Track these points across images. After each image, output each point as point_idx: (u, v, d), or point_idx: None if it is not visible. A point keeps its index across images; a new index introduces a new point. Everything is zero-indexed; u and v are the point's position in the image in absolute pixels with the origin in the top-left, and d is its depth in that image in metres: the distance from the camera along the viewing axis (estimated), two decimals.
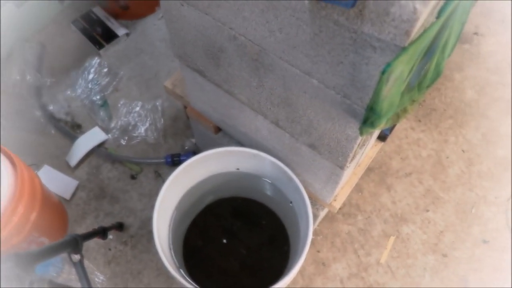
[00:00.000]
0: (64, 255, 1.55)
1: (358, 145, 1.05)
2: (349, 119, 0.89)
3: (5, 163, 1.32)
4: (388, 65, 0.66)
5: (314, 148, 1.09)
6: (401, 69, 0.70)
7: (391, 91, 0.73)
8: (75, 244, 1.01)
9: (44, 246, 0.84)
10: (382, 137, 1.41)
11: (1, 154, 1.33)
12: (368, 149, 1.34)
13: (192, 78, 1.26)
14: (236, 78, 1.08)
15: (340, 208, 1.66)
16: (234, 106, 1.21)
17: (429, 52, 0.79)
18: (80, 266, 1.00)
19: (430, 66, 0.85)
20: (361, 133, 0.84)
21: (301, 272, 1.56)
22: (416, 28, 0.64)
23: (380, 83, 0.69)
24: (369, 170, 1.74)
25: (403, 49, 0.66)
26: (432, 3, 0.63)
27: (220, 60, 1.06)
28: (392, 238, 1.63)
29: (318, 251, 1.60)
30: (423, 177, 1.75)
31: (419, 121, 1.86)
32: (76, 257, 1.00)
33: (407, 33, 0.64)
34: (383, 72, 0.67)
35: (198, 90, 1.30)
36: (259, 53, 0.93)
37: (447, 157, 1.79)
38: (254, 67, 0.98)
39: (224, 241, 1.55)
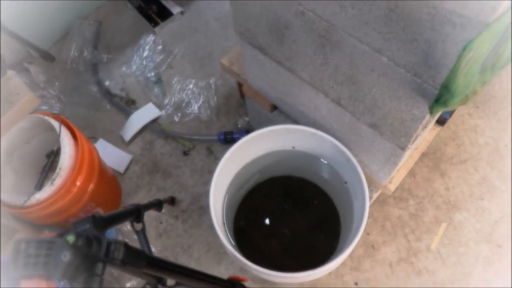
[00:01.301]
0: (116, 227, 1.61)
1: (422, 126, 1.04)
2: (417, 98, 0.88)
3: (67, 135, 1.37)
4: (470, 41, 0.64)
5: (375, 128, 1.07)
6: (482, 47, 0.68)
7: (468, 70, 0.71)
8: (137, 213, 1.04)
9: (113, 212, 0.87)
10: (441, 121, 1.37)
11: (63, 127, 1.37)
12: (426, 132, 1.32)
13: (252, 56, 1.26)
14: (299, 55, 1.07)
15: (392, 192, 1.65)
16: (294, 84, 1.21)
17: (507, 30, 0.77)
18: (142, 234, 1.03)
19: (506, 46, 0.82)
20: (431, 112, 0.82)
21: (349, 253, 1.55)
22: (504, 4, 0.62)
23: (459, 61, 0.67)
24: (423, 155, 1.71)
25: (487, 25, 0.64)
26: None
27: (285, 36, 1.06)
28: (444, 225, 1.60)
29: (368, 234, 1.59)
30: (479, 164, 1.70)
31: (477, 107, 1.81)
32: (139, 225, 1.04)
33: (494, 8, 0.62)
34: (463, 49, 0.65)
35: (257, 67, 1.30)
36: (327, 30, 0.92)
37: (506, 146, 1.73)
38: (320, 44, 0.98)
39: (274, 219, 1.56)
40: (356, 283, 1.52)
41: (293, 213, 1.57)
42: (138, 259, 0.68)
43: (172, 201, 1.65)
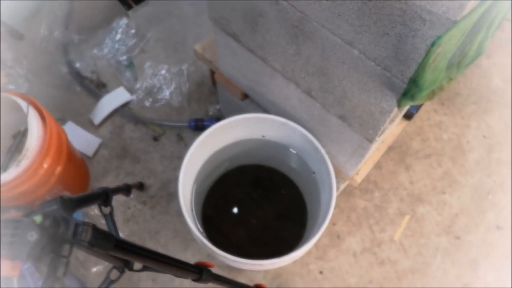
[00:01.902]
0: (83, 210, 1.59)
1: (390, 119, 1.06)
2: (386, 91, 0.90)
3: (35, 116, 1.34)
4: (439, 37, 0.66)
5: (344, 120, 1.09)
6: (449, 44, 0.70)
7: (436, 65, 0.73)
8: (106, 196, 1.03)
9: (81, 194, 0.87)
10: (408, 116, 1.41)
11: (31, 107, 1.35)
12: (393, 126, 1.35)
13: (225, 43, 1.26)
14: (272, 45, 1.08)
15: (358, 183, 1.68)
16: (265, 73, 1.22)
17: (473, 29, 0.80)
18: (110, 218, 1.03)
19: (472, 44, 0.85)
20: (399, 105, 0.85)
21: (315, 243, 1.58)
22: (471, 2, 0.64)
23: (427, 56, 0.69)
24: (390, 148, 1.75)
25: (455, 23, 0.67)
26: None
27: (258, 25, 1.06)
28: (407, 217, 1.65)
29: (334, 224, 1.62)
30: (442, 159, 1.76)
31: (442, 104, 1.86)
32: (107, 209, 1.03)
33: (462, 6, 0.64)
34: (432, 45, 0.67)
35: (230, 55, 1.30)
36: (300, 20, 0.93)
37: (468, 142, 1.79)
38: (293, 34, 0.99)
39: (243, 207, 1.58)
40: (321, 272, 1.56)
41: (262, 202, 1.59)
42: (106, 241, 0.68)
43: (140, 186, 1.64)
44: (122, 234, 1.58)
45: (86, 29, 1.99)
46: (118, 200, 1.64)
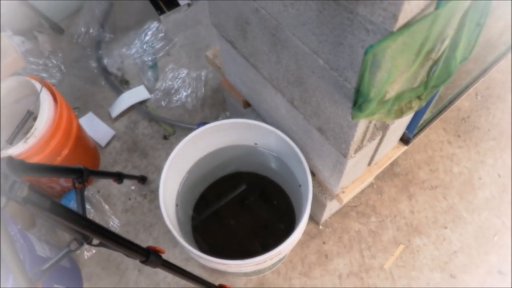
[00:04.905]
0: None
1: (364, 136, 1.06)
2: (349, 104, 0.90)
3: (48, 99, 1.43)
4: (371, 46, 0.67)
5: (322, 132, 1.10)
6: (392, 56, 0.71)
7: (379, 77, 0.74)
8: (80, 174, 1.09)
9: (45, 164, 0.93)
10: (405, 140, 1.39)
11: (46, 91, 1.44)
12: (386, 148, 1.33)
13: (226, 49, 1.31)
14: (259, 53, 1.11)
15: (355, 206, 1.66)
16: (258, 81, 1.25)
17: (431, 51, 0.80)
18: (79, 194, 1.08)
19: (435, 67, 0.85)
20: (352, 117, 0.85)
21: (302, 259, 1.57)
22: (405, 13, 0.65)
23: (363, 64, 0.70)
24: (394, 175, 1.72)
25: (391, 33, 0.67)
26: None
27: (247, 32, 1.10)
28: (401, 247, 1.60)
29: (324, 243, 1.60)
30: (449, 193, 1.70)
31: (459, 136, 1.81)
32: (79, 186, 1.09)
33: (394, 16, 0.65)
34: (365, 53, 0.68)
35: (231, 61, 1.35)
36: (276, 28, 0.96)
37: (480, 179, 1.73)
38: (272, 42, 1.01)
39: (233, 214, 1.60)
40: None
41: (253, 210, 1.60)
42: (41, 201, 0.72)
43: (142, 179, 1.70)
44: (118, 222, 1.64)
45: (119, 29, 2.11)
46: (120, 190, 1.71)
